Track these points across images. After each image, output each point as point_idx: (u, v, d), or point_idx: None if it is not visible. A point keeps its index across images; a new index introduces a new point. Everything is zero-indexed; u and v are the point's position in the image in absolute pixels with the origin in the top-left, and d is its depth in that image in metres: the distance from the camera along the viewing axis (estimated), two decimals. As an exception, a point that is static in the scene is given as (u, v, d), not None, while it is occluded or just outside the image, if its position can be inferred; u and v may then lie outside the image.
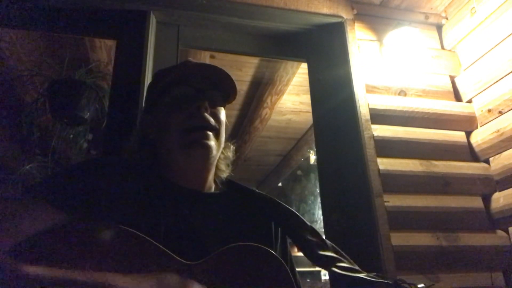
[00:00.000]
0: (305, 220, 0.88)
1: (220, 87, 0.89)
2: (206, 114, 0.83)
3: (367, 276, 0.75)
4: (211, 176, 0.90)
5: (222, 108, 0.91)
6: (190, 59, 0.97)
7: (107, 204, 0.72)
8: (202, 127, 0.83)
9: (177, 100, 0.85)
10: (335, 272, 0.78)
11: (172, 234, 0.73)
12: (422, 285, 0.70)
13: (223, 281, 0.68)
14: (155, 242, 0.65)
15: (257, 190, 0.95)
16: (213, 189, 0.91)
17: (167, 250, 0.65)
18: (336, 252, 0.83)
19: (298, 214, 0.89)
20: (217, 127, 0.86)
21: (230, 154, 0.95)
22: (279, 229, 0.91)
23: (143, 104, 1.00)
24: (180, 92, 0.86)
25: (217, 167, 0.92)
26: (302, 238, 0.85)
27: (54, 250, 0.60)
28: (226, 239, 0.72)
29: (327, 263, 0.80)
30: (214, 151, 0.84)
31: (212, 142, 0.83)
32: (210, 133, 0.83)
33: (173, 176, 0.85)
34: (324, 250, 0.82)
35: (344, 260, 0.81)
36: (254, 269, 0.71)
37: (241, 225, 0.85)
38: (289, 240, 0.93)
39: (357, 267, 0.80)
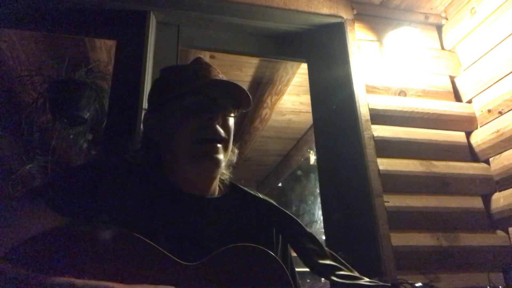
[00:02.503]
0: (305, 226, 0.88)
1: (231, 95, 0.88)
2: (217, 126, 0.83)
3: (366, 282, 0.75)
4: (215, 183, 0.90)
5: (234, 116, 0.89)
6: (201, 57, 0.95)
7: (108, 207, 0.72)
8: (213, 140, 0.82)
9: (189, 108, 0.84)
10: (334, 281, 0.77)
11: (173, 238, 0.73)
12: (420, 284, 0.70)
13: (221, 281, 0.68)
14: (155, 245, 0.65)
15: (259, 194, 0.95)
16: (216, 193, 0.91)
17: (166, 253, 0.65)
18: (335, 260, 0.83)
19: (298, 220, 0.88)
20: (227, 138, 0.85)
21: (234, 158, 0.94)
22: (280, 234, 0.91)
23: (147, 102, 0.97)
24: (193, 101, 0.84)
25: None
26: (301, 246, 0.85)
27: (54, 252, 0.60)
28: (227, 242, 0.72)
29: (326, 272, 0.80)
30: (222, 164, 0.84)
31: (221, 156, 0.83)
32: (220, 146, 0.83)
33: (177, 181, 0.84)
34: (323, 259, 0.82)
35: (343, 268, 0.81)
36: (252, 270, 0.71)
37: (242, 229, 0.85)
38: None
39: (356, 274, 0.80)
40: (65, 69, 1.98)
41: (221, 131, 0.84)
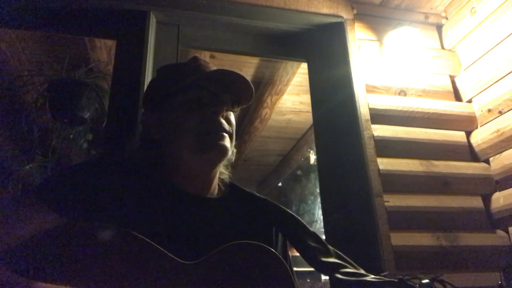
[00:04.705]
0: (306, 225, 0.87)
1: (232, 90, 0.88)
2: (221, 120, 0.83)
3: (372, 278, 0.75)
4: (215, 181, 0.89)
5: (236, 111, 0.90)
6: (198, 55, 0.94)
7: (108, 206, 0.72)
8: (217, 131, 0.82)
9: (192, 103, 0.83)
10: (340, 278, 0.76)
11: (173, 237, 0.73)
12: (427, 280, 0.69)
13: (222, 280, 0.67)
14: (154, 244, 0.65)
15: (259, 195, 0.95)
16: (216, 192, 0.90)
17: (166, 252, 0.65)
18: (339, 258, 0.82)
19: (299, 219, 0.87)
20: (231, 131, 0.85)
21: (232, 156, 0.94)
22: (280, 233, 0.91)
23: (144, 101, 0.97)
24: (195, 96, 0.84)
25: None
26: (304, 244, 0.84)
27: (52, 252, 0.60)
28: (227, 242, 0.71)
29: (330, 269, 0.79)
30: (229, 153, 0.84)
31: (228, 144, 0.83)
32: (226, 135, 0.83)
33: (177, 180, 0.84)
34: (326, 257, 0.81)
35: (348, 265, 0.79)
36: (253, 268, 0.70)
37: (242, 229, 0.84)
38: (289, 244, 0.93)
39: (362, 271, 0.78)
40: (65, 69, 1.98)
41: (226, 124, 0.84)
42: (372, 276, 0.75)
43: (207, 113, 0.82)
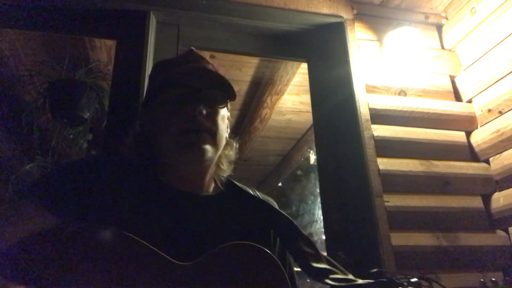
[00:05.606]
0: (301, 229, 0.86)
1: (219, 85, 0.85)
2: (200, 117, 0.79)
3: (361, 282, 0.75)
4: (208, 178, 0.87)
5: (222, 107, 0.86)
6: (193, 48, 0.93)
7: (102, 206, 0.71)
8: (197, 130, 0.80)
9: (172, 101, 0.82)
10: (329, 284, 0.77)
11: (168, 238, 0.72)
12: (415, 279, 0.70)
13: (218, 280, 0.67)
14: (148, 244, 0.64)
15: (257, 192, 0.94)
16: (211, 190, 0.89)
17: (160, 252, 0.65)
18: (329, 264, 0.82)
19: (294, 223, 0.86)
20: (213, 129, 0.82)
21: (232, 152, 0.92)
22: None
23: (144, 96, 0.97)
24: (175, 93, 0.82)
25: (218, 166, 0.90)
26: (297, 249, 0.83)
27: (44, 254, 0.59)
28: (222, 241, 0.70)
29: (320, 275, 0.80)
30: (209, 154, 0.81)
31: (207, 145, 0.80)
32: (206, 136, 0.80)
33: (169, 178, 0.83)
34: (318, 262, 0.81)
35: (338, 271, 0.80)
36: (248, 268, 0.70)
37: (236, 228, 0.83)
38: None
39: (351, 277, 0.79)
40: (65, 69, 1.98)
41: (206, 121, 0.81)
42: (361, 280, 0.76)
43: (186, 111, 0.79)
